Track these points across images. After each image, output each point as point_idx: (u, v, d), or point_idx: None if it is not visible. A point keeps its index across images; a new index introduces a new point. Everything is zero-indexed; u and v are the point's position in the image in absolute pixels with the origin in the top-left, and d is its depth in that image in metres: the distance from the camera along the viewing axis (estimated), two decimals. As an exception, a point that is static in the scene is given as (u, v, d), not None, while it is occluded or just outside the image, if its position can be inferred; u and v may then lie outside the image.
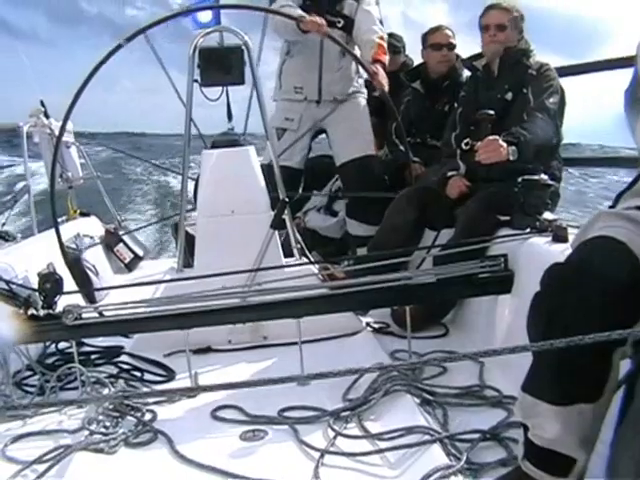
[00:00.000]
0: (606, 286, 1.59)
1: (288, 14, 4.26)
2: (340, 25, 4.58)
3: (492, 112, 3.42)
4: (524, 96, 3.58)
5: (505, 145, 3.23)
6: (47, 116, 5.26)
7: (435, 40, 4.73)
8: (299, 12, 4.28)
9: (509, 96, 3.65)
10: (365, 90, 4.84)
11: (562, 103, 3.63)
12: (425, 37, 4.79)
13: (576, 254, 1.74)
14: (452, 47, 4.73)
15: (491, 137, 3.23)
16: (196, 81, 3.79)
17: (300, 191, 4.82)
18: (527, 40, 3.80)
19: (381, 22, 4.66)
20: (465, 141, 3.77)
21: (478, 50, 3.87)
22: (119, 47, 3.80)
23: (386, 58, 4.44)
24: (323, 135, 4.95)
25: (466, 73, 4.45)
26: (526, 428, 1.80)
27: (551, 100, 3.54)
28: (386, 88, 4.26)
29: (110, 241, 5.37)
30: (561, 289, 1.69)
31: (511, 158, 3.25)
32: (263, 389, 2.19)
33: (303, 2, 4.52)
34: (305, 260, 3.76)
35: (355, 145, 4.69)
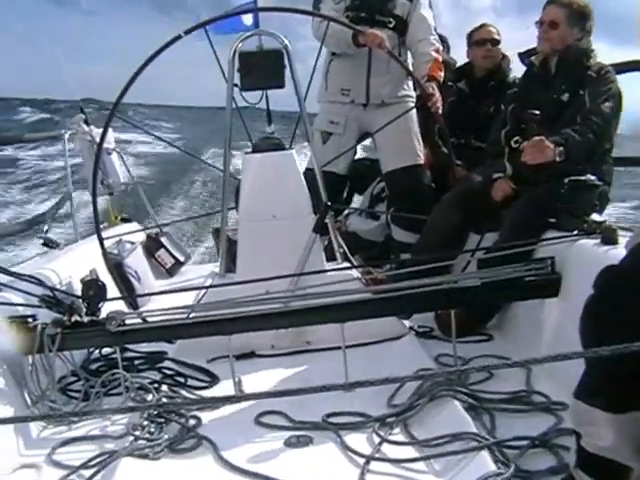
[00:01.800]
0: None
1: (349, 24, 4.22)
2: (391, 25, 4.46)
3: (538, 112, 3.35)
4: (580, 98, 3.48)
5: (552, 146, 3.15)
6: (87, 123, 5.32)
7: (479, 36, 4.73)
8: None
9: (565, 97, 3.54)
10: (414, 93, 4.69)
11: (618, 108, 3.51)
12: (470, 35, 4.80)
13: (631, 257, 1.69)
14: (496, 42, 4.71)
15: (537, 137, 3.16)
16: (236, 85, 3.77)
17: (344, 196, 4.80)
18: (590, 39, 3.67)
19: (435, 29, 4.58)
20: (515, 139, 3.68)
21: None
22: (178, 38, 3.84)
23: (441, 75, 4.37)
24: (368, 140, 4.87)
25: (513, 73, 4.40)
26: (579, 435, 1.76)
27: (607, 104, 3.42)
28: (440, 110, 4.23)
29: (151, 246, 5.40)
30: (617, 294, 1.65)
31: (557, 159, 3.17)
32: (307, 395, 2.17)
33: (351, 1, 4.44)
34: (348, 264, 3.74)
35: (404, 153, 4.58)
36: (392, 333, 3.42)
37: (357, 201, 5.50)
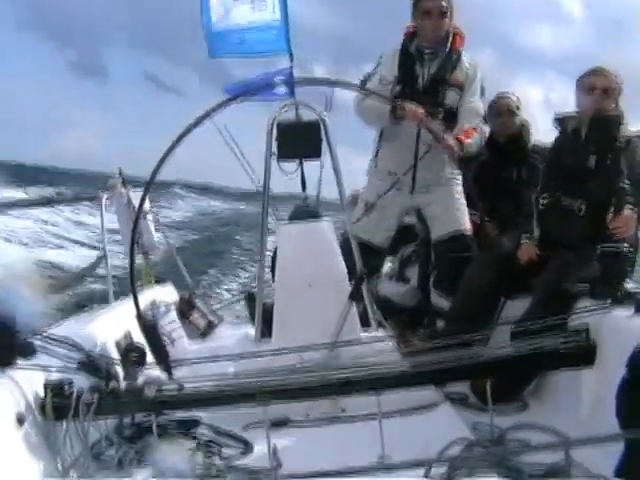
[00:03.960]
0: None
1: (385, 96, 4.30)
2: (440, 116, 4.48)
3: (627, 183, 3.36)
4: (608, 166, 3.56)
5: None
6: (125, 185, 5.43)
7: (498, 107, 4.92)
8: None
9: (592, 163, 3.63)
10: (460, 176, 4.71)
11: None
12: (490, 106, 4.92)
13: None
14: (512, 114, 4.88)
15: (627, 213, 3.17)
16: (273, 154, 3.84)
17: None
18: (622, 111, 3.78)
19: (485, 119, 4.65)
20: (543, 195, 3.79)
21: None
22: (229, 102, 3.96)
23: (469, 142, 4.36)
24: None
25: (532, 140, 4.57)
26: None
27: None
28: (455, 153, 4.25)
29: (184, 308, 5.44)
30: None
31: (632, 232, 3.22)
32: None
33: (401, 91, 4.49)
34: (383, 333, 3.76)
35: (451, 220, 4.63)
36: (428, 401, 3.41)
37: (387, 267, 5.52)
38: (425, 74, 4.55)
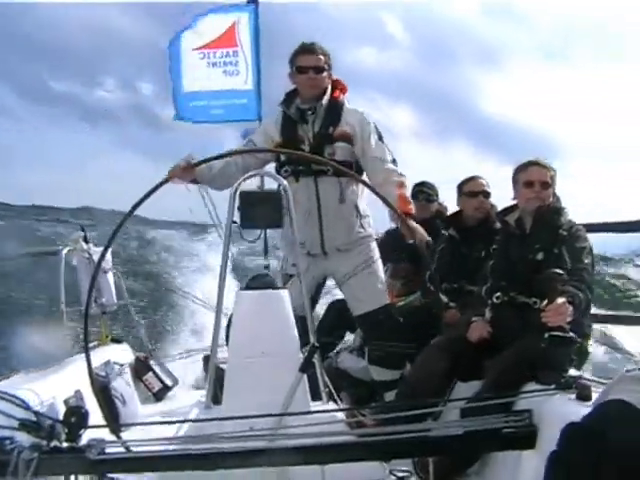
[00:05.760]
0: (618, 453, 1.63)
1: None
2: (330, 173, 4.36)
3: (561, 272, 3.32)
4: (555, 256, 3.63)
5: (571, 309, 3.16)
6: (87, 241, 5.45)
7: (471, 188, 4.90)
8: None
9: (540, 256, 3.70)
10: (371, 231, 4.70)
11: (593, 263, 3.68)
12: (461, 186, 4.98)
13: (592, 417, 1.79)
14: (487, 195, 4.90)
15: (560, 300, 3.14)
16: (235, 222, 3.88)
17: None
18: (559, 197, 3.90)
19: (394, 161, 4.49)
20: (496, 295, 3.85)
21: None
22: (165, 182, 3.96)
23: (411, 208, 4.33)
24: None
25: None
26: None
27: (586, 261, 3.59)
28: (424, 237, 4.19)
29: (140, 369, 5.43)
30: (574, 452, 1.73)
31: (569, 319, 3.17)
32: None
33: (281, 159, 4.45)
34: (333, 405, 3.78)
35: (369, 299, 4.58)
36: (372, 476, 3.43)
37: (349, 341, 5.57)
38: (309, 134, 4.47)
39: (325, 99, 4.49)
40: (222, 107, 6.47)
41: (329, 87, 4.53)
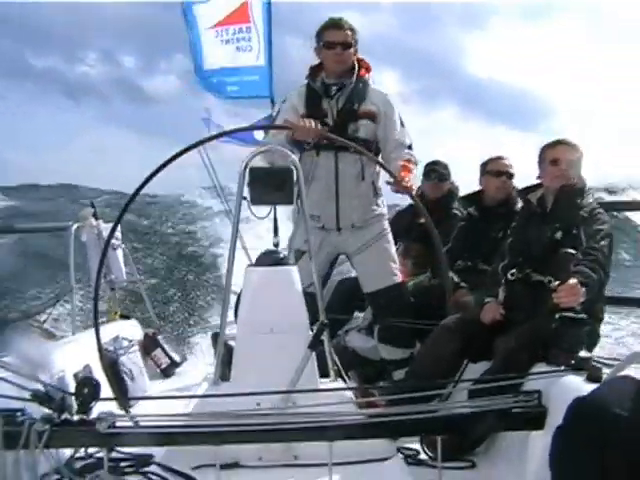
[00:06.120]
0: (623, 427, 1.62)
1: (279, 125, 4.35)
2: (352, 150, 4.34)
3: (574, 251, 3.38)
4: (573, 237, 3.60)
5: (583, 290, 3.15)
6: (96, 217, 5.46)
7: (494, 167, 4.87)
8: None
9: (559, 235, 3.66)
10: (386, 212, 4.73)
11: (611, 247, 3.63)
12: (484, 165, 4.95)
13: (598, 392, 1.78)
14: (511, 176, 4.86)
15: (572, 281, 3.14)
16: (244, 198, 3.87)
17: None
18: (583, 178, 3.86)
19: (410, 147, 4.53)
20: (512, 271, 3.82)
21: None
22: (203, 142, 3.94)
23: (410, 175, 4.26)
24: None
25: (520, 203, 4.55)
26: None
27: (602, 243, 3.54)
28: (413, 190, 4.22)
29: (148, 345, 5.44)
30: (580, 426, 1.72)
31: (581, 300, 3.16)
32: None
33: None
34: (341, 384, 3.79)
35: (381, 275, 4.62)
36: (380, 454, 3.43)
37: (359, 319, 5.55)
38: (333, 109, 4.50)
39: (353, 77, 4.51)
40: (236, 84, 6.53)
41: (356, 64, 4.56)
